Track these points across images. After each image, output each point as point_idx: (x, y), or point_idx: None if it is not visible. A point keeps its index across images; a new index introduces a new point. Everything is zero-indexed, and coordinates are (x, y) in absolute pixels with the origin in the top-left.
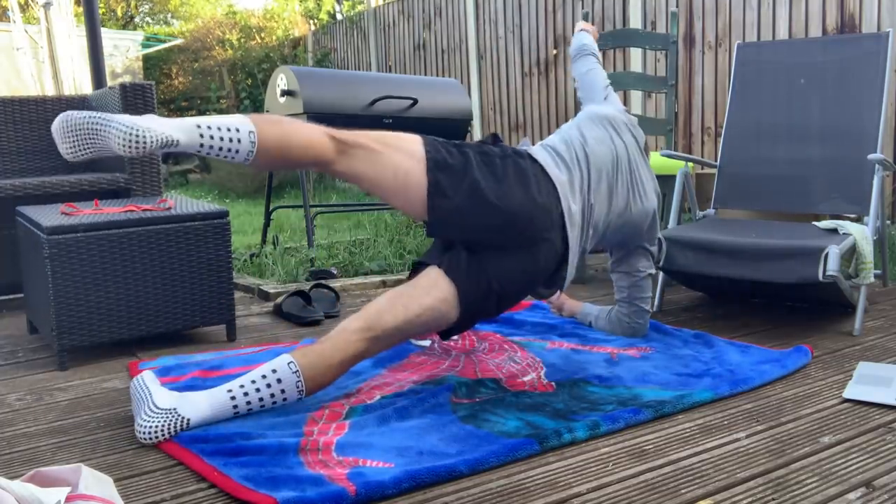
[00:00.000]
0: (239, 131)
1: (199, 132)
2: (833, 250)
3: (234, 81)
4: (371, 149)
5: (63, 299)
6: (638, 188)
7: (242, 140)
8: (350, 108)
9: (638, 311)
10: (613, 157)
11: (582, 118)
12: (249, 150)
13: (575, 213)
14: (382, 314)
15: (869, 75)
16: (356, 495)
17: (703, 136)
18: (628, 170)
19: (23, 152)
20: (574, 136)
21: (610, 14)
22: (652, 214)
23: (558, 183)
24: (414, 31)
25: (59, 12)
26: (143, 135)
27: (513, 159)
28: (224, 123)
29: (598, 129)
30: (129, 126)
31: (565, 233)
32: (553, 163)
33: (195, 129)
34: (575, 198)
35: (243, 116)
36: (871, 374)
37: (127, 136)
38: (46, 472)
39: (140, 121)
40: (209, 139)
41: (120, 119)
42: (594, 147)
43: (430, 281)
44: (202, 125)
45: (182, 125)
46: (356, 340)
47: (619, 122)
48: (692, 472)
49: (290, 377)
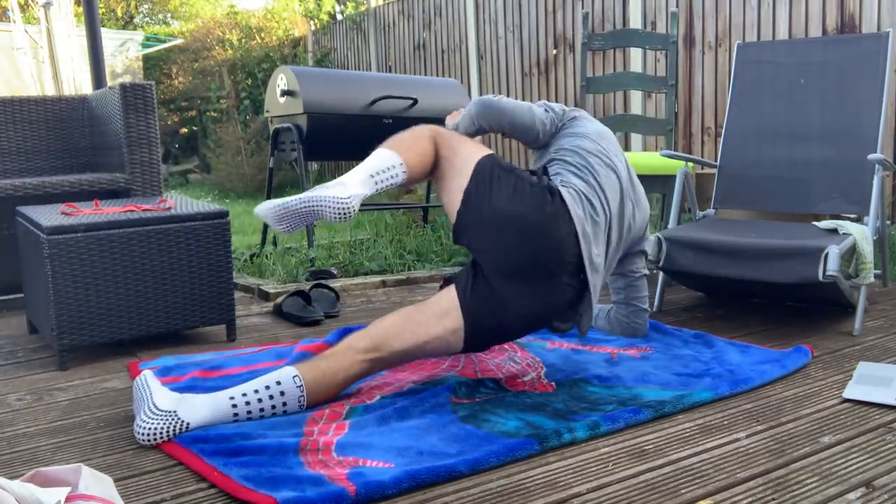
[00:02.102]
0: (395, 167)
1: (374, 181)
2: (833, 250)
3: (234, 81)
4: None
5: (63, 299)
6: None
7: (398, 174)
8: (350, 108)
9: (636, 311)
10: (620, 186)
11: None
12: (404, 178)
13: (597, 258)
14: (391, 338)
15: (869, 75)
16: (356, 495)
17: (703, 136)
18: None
19: (23, 152)
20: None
21: (610, 14)
22: (647, 218)
23: (580, 230)
24: (414, 31)
25: (59, 12)
26: (352, 205)
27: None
28: (384, 164)
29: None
30: (337, 201)
31: (581, 277)
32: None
33: (371, 180)
34: (598, 242)
35: (390, 151)
36: (871, 374)
37: (339, 210)
38: (46, 472)
39: (343, 192)
40: (381, 182)
41: (326, 196)
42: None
43: (443, 310)
44: (374, 173)
45: (362, 179)
46: (361, 361)
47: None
48: (692, 472)
49: (293, 391)
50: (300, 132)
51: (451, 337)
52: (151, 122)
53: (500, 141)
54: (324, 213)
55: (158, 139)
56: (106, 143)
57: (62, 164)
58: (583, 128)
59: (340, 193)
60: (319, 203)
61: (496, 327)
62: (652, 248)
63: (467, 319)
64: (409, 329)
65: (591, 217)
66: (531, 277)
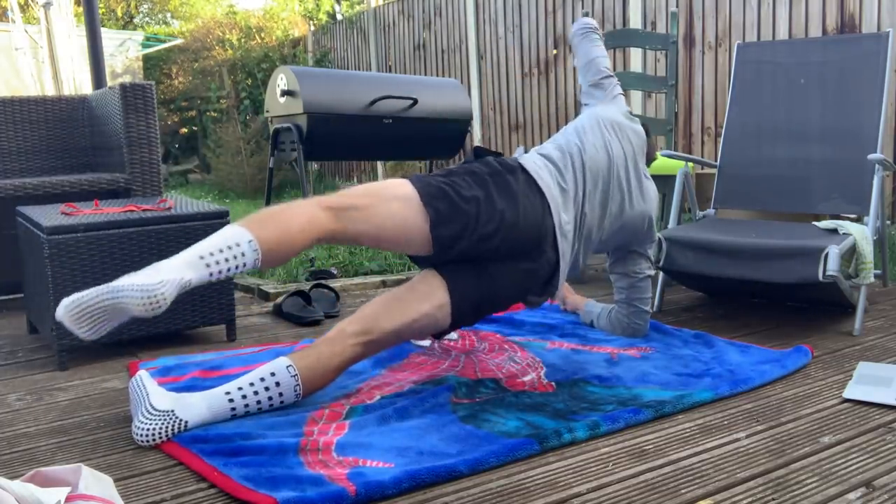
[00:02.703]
0: (239, 245)
1: (205, 262)
2: (833, 250)
3: (234, 81)
4: (362, 206)
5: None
6: (634, 192)
7: (245, 252)
8: (350, 108)
9: (637, 312)
10: (609, 162)
11: (585, 122)
12: (255, 258)
13: (566, 224)
14: (380, 318)
15: (869, 75)
16: (356, 495)
17: (703, 136)
18: (625, 175)
19: (23, 152)
20: (573, 142)
21: (610, 14)
22: (649, 218)
23: (549, 196)
24: (414, 31)
25: (59, 12)
26: (160, 293)
27: (502, 177)
28: (223, 243)
29: (597, 135)
30: (142, 289)
31: (556, 243)
32: (547, 173)
33: (200, 262)
34: (567, 209)
35: (238, 227)
36: (871, 374)
37: (144, 300)
38: (46, 472)
39: (149, 278)
40: (216, 265)
41: (129, 285)
42: (592, 154)
43: (428, 287)
44: (204, 254)
45: (188, 260)
46: (353, 344)
47: (624, 128)
48: (692, 472)
49: (288, 381)
50: (300, 132)
51: (438, 313)
52: (151, 122)
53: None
54: (127, 307)
55: (158, 139)
56: (106, 143)
57: (62, 164)
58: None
59: (148, 280)
60: (120, 293)
61: (483, 300)
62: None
63: (454, 294)
64: (398, 308)
65: (558, 184)
66: (516, 251)
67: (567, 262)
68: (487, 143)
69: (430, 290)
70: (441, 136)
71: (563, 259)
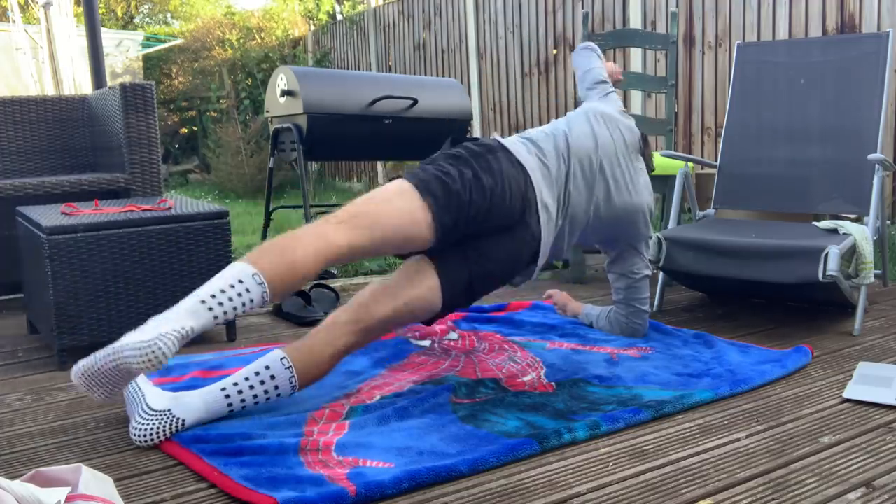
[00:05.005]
0: (243, 281)
1: (207, 307)
2: (833, 250)
3: (234, 81)
4: (368, 211)
5: (63, 299)
6: (622, 182)
7: (251, 287)
8: (350, 108)
9: (636, 312)
10: (595, 147)
11: (576, 112)
12: (261, 291)
13: (548, 198)
14: (371, 306)
15: (869, 75)
16: (356, 495)
17: (703, 136)
18: (612, 163)
19: (23, 152)
20: (560, 126)
21: (610, 14)
22: (643, 211)
23: (530, 170)
24: (414, 31)
25: (59, 12)
26: (158, 348)
27: (483, 157)
28: (226, 282)
29: (585, 123)
30: (140, 348)
31: (538, 216)
32: (525, 150)
33: (202, 307)
34: (550, 185)
35: (239, 263)
36: (871, 374)
37: (145, 358)
38: (46, 472)
39: (146, 335)
40: (219, 307)
41: (129, 344)
42: (577, 137)
43: (418, 272)
44: (206, 299)
45: (189, 308)
46: (347, 333)
47: (615, 120)
48: (692, 472)
49: (283, 373)
50: (300, 132)
51: (429, 294)
52: (151, 122)
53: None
54: (131, 367)
55: (158, 139)
56: (106, 143)
57: (62, 164)
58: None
59: (149, 337)
60: (122, 354)
61: (473, 277)
62: (652, 248)
63: (443, 275)
64: (389, 293)
65: (538, 158)
66: (503, 225)
67: (549, 236)
68: None
69: (420, 274)
70: (441, 136)
71: (544, 237)
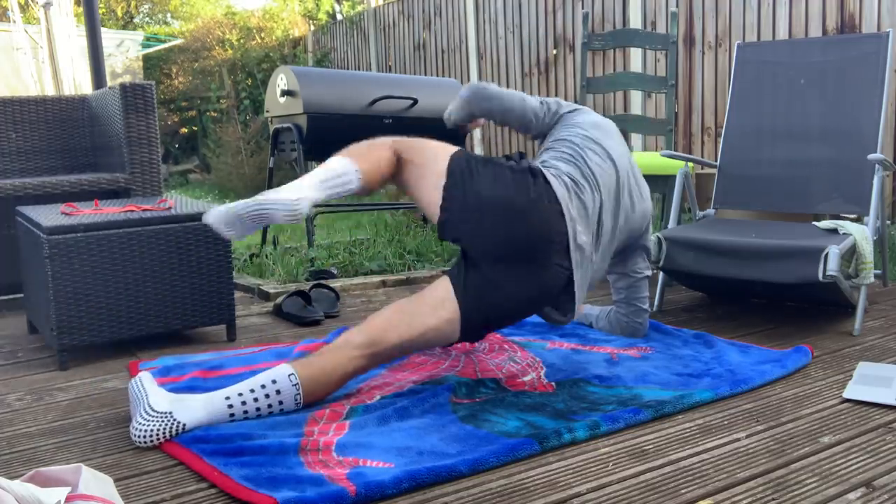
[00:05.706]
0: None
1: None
2: (833, 250)
3: (234, 81)
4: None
5: (63, 299)
6: (635, 194)
7: (352, 179)
8: (350, 108)
9: (636, 312)
10: (616, 170)
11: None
12: (359, 183)
13: (581, 235)
14: (386, 331)
15: (869, 75)
16: (356, 495)
17: (703, 136)
18: (629, 172)
19: (23, 152)
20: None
21: (610, 14)
22: (649, 215)
23: (564, 205)
24: (414, 31)
25: (59, 12)
26: (298, 208)
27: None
28: (334, 172)
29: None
30: (287, 203)
31: (569, 254)
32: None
33: (322, 186)
34: (586, 224)
35: (342, 159)
36: (871, 374)
37: (288, 212)
38: (46, 472)
39: (290, 194)
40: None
41: (276, 199)
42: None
43: (438, 300)
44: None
45: (312, 184)
46: (357, 357)
47: (613, 131)
48: (692, 472)
49: (289, 389)
50: (300, 132)
51: (447, 327)
52: (151, 122)
53: (503, 134)
54: (273, 217)
55: (158, 139)
56: (106, 143)
57: (62, 164)
58: (580, 118)
59: (290, 195)
60: (269, 207)
61: (492, 313)
62: (652, 248)
63: (462, 308)
64: (405, 322)
65: (576, 196)
66: (522, 259)
67: (584, 276)
68: (487, 143)
69: (440, 303)
70: (441, 136)
71: (578, 270)
